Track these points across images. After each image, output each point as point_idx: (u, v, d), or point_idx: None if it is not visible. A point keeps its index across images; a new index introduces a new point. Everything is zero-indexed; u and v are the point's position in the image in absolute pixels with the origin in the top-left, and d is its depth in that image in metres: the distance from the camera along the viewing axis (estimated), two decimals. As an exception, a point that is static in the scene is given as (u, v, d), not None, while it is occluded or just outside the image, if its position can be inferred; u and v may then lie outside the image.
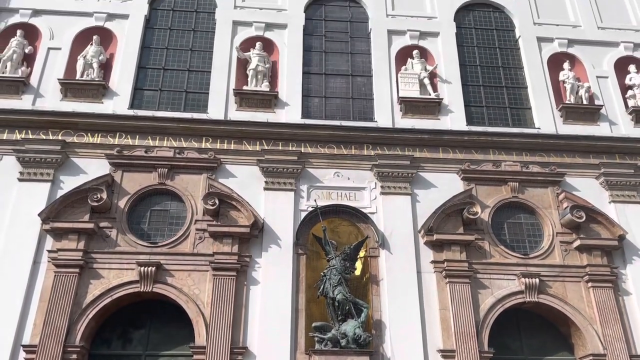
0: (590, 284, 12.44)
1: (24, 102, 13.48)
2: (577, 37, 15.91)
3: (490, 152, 13.85)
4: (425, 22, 15.79)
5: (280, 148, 13.40)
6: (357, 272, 12.49)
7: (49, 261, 11.76)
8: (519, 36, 15.94)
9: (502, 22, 16.35)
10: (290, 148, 13.42)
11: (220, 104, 13.98)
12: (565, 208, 13.02)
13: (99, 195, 12.15)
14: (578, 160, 13.91)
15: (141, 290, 11.69)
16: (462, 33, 15.94)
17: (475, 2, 16.45)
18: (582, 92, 14.81)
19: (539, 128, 14.41)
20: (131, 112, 13.60)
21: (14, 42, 14.09)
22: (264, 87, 14.21)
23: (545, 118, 14.55)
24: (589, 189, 13.61)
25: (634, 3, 16.77)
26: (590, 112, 14.67)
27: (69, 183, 12.55)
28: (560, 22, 16.23)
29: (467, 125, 14.26)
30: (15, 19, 14.68)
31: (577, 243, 12.77)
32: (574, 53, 15.66)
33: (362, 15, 16.01)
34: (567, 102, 14.71)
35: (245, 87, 14.21)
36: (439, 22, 15.82)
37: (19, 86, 13.60)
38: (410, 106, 14.36)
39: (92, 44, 14.30)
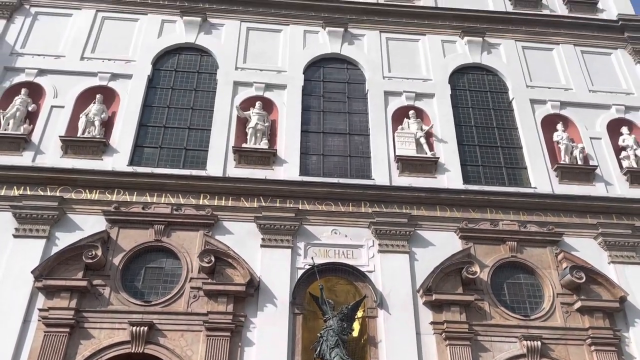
0: (593, 347, 12.15)
1: (24, 159, 13.59)
2: (569, 99, 16.32)
3: (488, 211, 13.89)
4: (421, 84, 16.23)
5: (277, 205, 13.41)
6: (355, 334, 12.21)
7: (39, 320, 11.48)
8: (513, 98, 16.35)
9: (496, 84, 16.81)
10: (287, 205, 13.43)
11: (219, 161, 14.11)
12: (565, 268, 12.90)
13: (93, 252, 12.02)
14: (575, 220, 13.93)
15: (132, 351, 11.35)
16: (457, 94, 16.34)
17: (469, 65, 16.97)
18: (576, 152, 15.04)
19: (535, 187, 14.52)
20: (130, 169, 13.70)
21: (18, 100, 14.37)
22: (263, 144, 14.40)
23: (541, 178, 14.69)
24: (588, 249, 13.56)
25: (623, 68, 17.30)
26: (585, 172, 14.83)
27: (64, 239, 12.46)
28: (552, 85, 16.68)
29: (463, 184, 14.37)
30: (20, 77, 15.04)
31: (578, 305, 12.57)
32: (567, 115, 16.03)
33: (359, 76, 16.46)
34: (562, 162, 14.90)
35: (244, 145, 14.39)
36: (434, 84, 16.25)
37: (20, 143, 13.76)
38: (407, 164, 14.51)
39: (95, 103, 14.60)
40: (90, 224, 12.77)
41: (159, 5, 16.93)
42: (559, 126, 15.60)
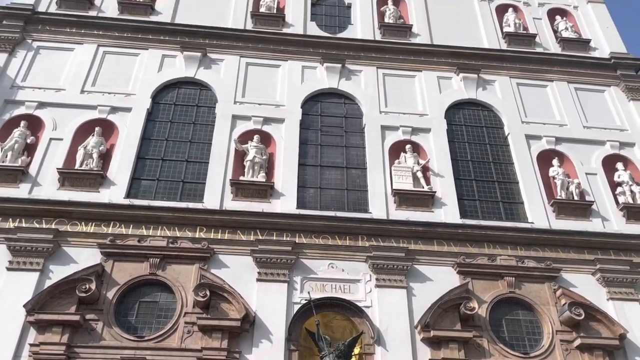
0: (594, 386, 11.94)
1: (21, 191, 13.58)
2: (564, 135, 16.49)
3: (485, 246, 13.84)
4: (417, 119, 16.40)
5: (274, 238, 13.34)
6: (352, 371, 11.97)
7: (30, 356, 11.25)
8: (508, 133, 16.51)
9: (491, 120, 17.01)
10: (284, 238, 13.37)
11: (216, 194, 14.10)
12: (564, 305, 12.78)
13: (87, 286, 11.87)
14: (573, 256, 13.89)
15: (124, 388, 11.09)
16: (453, 129, 16.51)
17: (465, 101, 17.21)
18: (572, 188, 15.11)
19: (532, 222, 14.52)
20: (127, 201, 13.67)
21: (17, 132, 14.46)
22: (261, 177, 14.43)
23: (538, 213, 14.70)
24: (586, 285, 13.47)
25: (617, 104, 17.55)
26: (581, 207, 14.87)
27: (58, 273, 12.32)
28: (547, 121, 16.89)
29: (460, 218, 14.35)
30: (20, 110, 15.17)
31: (578, 342, 12.41)
32: (562, 150, 16.16)
33: (357, 111, 16.64)
34: (558, 197, 14.95)
35: (242, 178, 14.41)
36: (430, 119, 16.43)
37: (17, 175, 13.77)
38: (404, 198, 14.53)
39: (93, 135, 14.69)
40: (85, 256, 12.66)
41: (160, 41, 17.23)
42: (555, 161, 15.73)
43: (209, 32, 17.47)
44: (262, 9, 18.65)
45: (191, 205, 13.76)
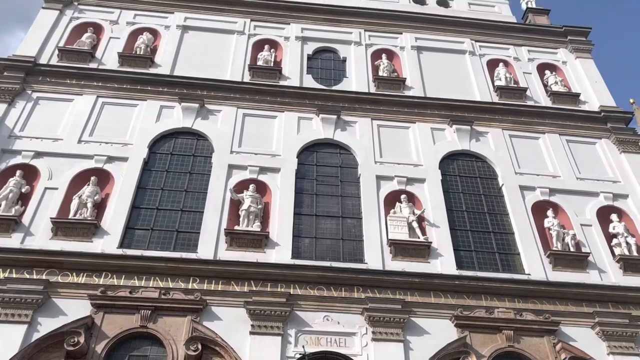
0: None
1: (13, 241, 13.42)
2: (558, 186, 16.64)
3: (483, 298, 13.68)
4: (412, 169, 16.54)
5: (268, 289, 13.15)
6: None
7: (9, 415, 10.81)
8: (502, 184, 16.64)
9: (485, 170, 17.18)
10: (279, 289, 13.18)
11: (210, 244, 13.99)
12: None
13: (76, 339, 11.56)
14: (571, 309, 13.73)
15: None
16: (448, 180, 16.63)
17: (458, 152, 17.43)
18: (568, 239, 15.12)
19: (529, 274, 14.42)
20: (119, 251, 13.51)
21: (12, 181, 14.44)
22: (255, 227, 14.36)
23: (535, 264, 14.62)
24: (586, 339, 13.26)
25: (609, 156, 17.82)
26: (578, 259, 14.82)
27: (46, 325, 12.02)
28: (541, 172, 17.07)
29: (457, 269, 14.25)
30: (16, 160, 15.18)
31: (580, 398, 12.08)
32: (557, 201, 16.26)
33: (352, 161, 16.79)
34: (554, 248, 14.91)
35: (236, 227, 14.34)
36: (425, 170, 16.57)
37: (10, 224, 13.65)
38: (400, 249, 14.44)
39: (89, 184, 14.67)
40: (75, 308, 12.38)
41: (159, 92, 17.53)
42: (549, 212, 15.79)
43: (207, 84, 17.83)
44: (260, 62, 19.12)
45: (185, 255, 13.62)
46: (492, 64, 20.60)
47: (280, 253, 14.03)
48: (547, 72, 20.65)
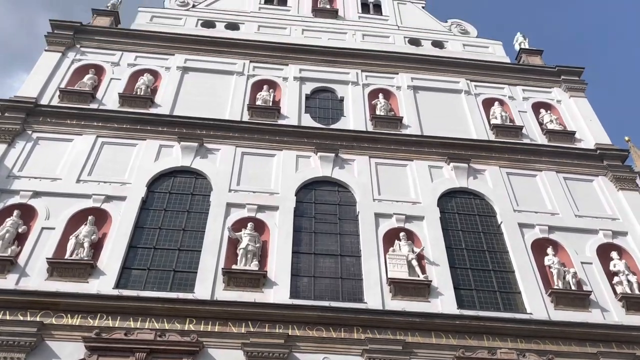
0: None
1: (8, 282, 13.23)
2: (557, 224, 16.58)
3: (485, 338, 13.41)
4: (410, 207, 16.53)
5: (266, 330, 12.91)
6: None
7: None
8: (501, 222, 16.59)
9: (484, 208, 17.17)
10: (277, 331, 12.94)
11: (207, 284, 13.81)
12: (571, 403, 12.19)
13: (68, 384, 11.26)
14: (575, 349, 13.45)
15: None
16: (446, 217, 16.59)
17: (456, 189, 17.46)
18: (569, 277, 14.97)
19: (531, 314, 14.20)
20: (115, 292, 13.32)
21: (9, 222, 14.36)
22: (253, 266, 14.22)
23: (536, 303, 14.42)
24: (592, 380, 12.94)
25: (606, 194, 17.83)
26: (580, 297, 14.64)
27: (38, 369, 11.72)
28: (539, 209, 17.05)
29: (458, 308, 14.04)
30: (14, 199, 15.16)
31: None
32: (556, 239, 16.18)
33: (350, 199, 16.79)
34: (555, 287, 14.75)
35: (234, 266, 14.20)
36: (423, 207, 16.56)
37: (5, 265, 13.50)
38: (399, 288, 14.28)
39: (86, 224, 14.60)
40: (69, 351, 12.11)
41: (158, 132, 17.68)
42: (549, 250, 15.68)
43: (207, 123, 18.00)
44: (259, 102, 19.38)
45: (181, 295, 13.43)
46: (488, 103, 20.89)
47: (279, 293, 13.85)
48: (542, 110, 20.94)
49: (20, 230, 14.36)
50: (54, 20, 20.99)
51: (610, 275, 15.39)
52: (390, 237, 15.61)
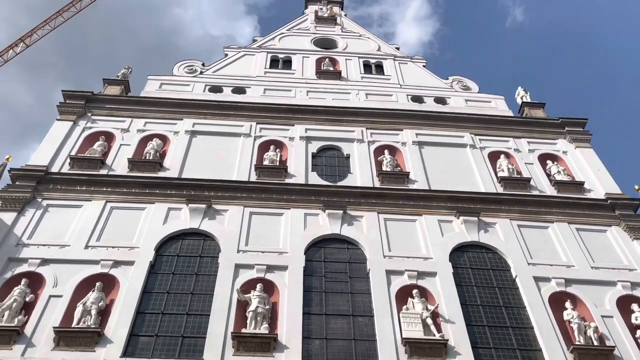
0: None
1: (14, 353, 12.97)
2: (573, 277, 16.19)
3: (507, 400, 12.79)
4: (422, 263, 16.25)
5: (278, 400, 12.40)
6: None
7: None
8: (516, 276, 16.21)
9: (497, 262, 16.85)
10: (288, 398, 12.43)
11: (216, 349, 13.44)
12: None
13: None
14: (605, 410, 12.77)
15: None
16: (459, 272, 16.26)
17: (468, 244, 17.21)
18: (590, 332, 14.45)
19: (554, 373, 13.62)
20: (123, 361, 12.97)
21: (16, 290, 14.26)
22: (263, 329, 13.87)
23: (559, 361, 13.85)
24: None
25: (621, 244, 17.48)
26: (603, 353, 14.06)
27: None
28: (554, 262, 16.70)
29: (477, 369, 13.49)
30: (22, 268, 15.14)
31: None
32: (574, 292, 15.74)
33: (360, 256, 16.56)
34: (577, 343, 14.20)
35: (244, 330, 13.86)
36: (435, 263, 16.28)
37: (12, 336, 13.27)
38: (415, 348, 13.80)
39: (94, 291, 14.45)
40: None
41: (167, 195, 17.81)
42: (568, 304, 15.24)
43: (214, 185, 18.14)
44: (266, 162, 19.60)
45: (190, 363, 13.04)
46: (494, 156, 20.97)
47: (290, 357, 13.42)
48: (549, 161, 20.95)
49: (27, 299, 14.22)
50: (66, 90, 21.69)
51: (633, 328, 14.83)
52: (403, 295, 15.27)
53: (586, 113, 59.95)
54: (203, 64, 25.66)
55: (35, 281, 14.73)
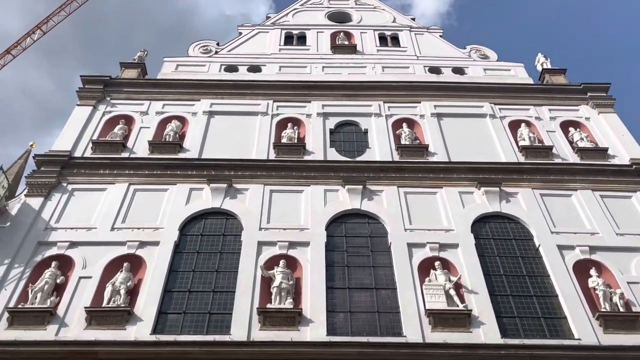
0: None
1: (48, 333, 13.41)
2: (598, 244, 16.00)
3: (532, 367, 12.84)
4: (444, 235, 16.23)
5: (305, 370, 12.65)
6: None
7: None
8: (539, 245, 16.10)
9: (519, 232, 16.71)
10: (317, 371, 12.66)
11: (243, 324, 13.71)
12: None
13: None
14: (630, 375, 12.75)
15: None
16: (482, 243, 16.20)
17: (490, 214, 17.09)
18: (616, 299, 14.35)
19: (579, 339, 13.57)
20: (153, 338, 13.33)
21: (47, 273, 14.69)
22: (288, 304, 14.10)
23: (584, 328, 13.80)
24: (651, 407, 12.18)
25: (646, 210, 17.25)
26: (630, 319, 13.95)
27: (79, 421, 11.70)
28: (578, 230, 16.50)
29: (502, 337, 13.52)
30: (52, 251, 15.55)
31: None
32: (599, 259, 15.59)
33: (381, 230, 16.60)
34: (602, 310, 14.12)
35: (269, 305, 14.10)
36: (457, 234, 16.24)
37: (45, 317, 13.71)
38: (439, 319, 13.88)
39: (122, 271, 14.80)
40: (108, 403, 12.09)
41: (188, 176, 18.02)
42: (593, 272, 15.11)
43: (234, 164, 18.28)
44: (284, 140, 19.63)
45: (218, 338, 13.34)
46: (514, 125, 20.65)
47: (315, 330, 13.62)
48: (571, 129, 20.54)
49: (58, 281, 14.63)
50: (84, 75, 21.92)
51: (660, 294, 14.70)
52: (425, 267, 15.30)
53: (609, 78, 58.48)
54: (218, 44, 25.63)
55: (64, 264, 15.13)
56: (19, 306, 13.98)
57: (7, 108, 67.22)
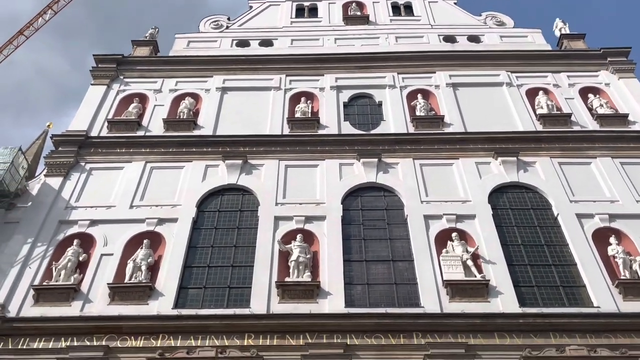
0: None
1: (73, 309, 13.77)
2: (617, 211, 15.81)
3: (551, 336, 12.86)
4: (460, 206, 16.16)
5: (325, 341, 12.85)
6: None
7: None
8: (557, 214, 15.95)
9: (537, 201, 16.57)
10: (335, 340, 12.86)
11: (262, 298, 13.92)
12: (651, 398, 11.50)
13: (136, 405, 11.52)
14: (650, 341, 12.71)
15: None
16: (499, 214, 16.10)
17: (507, 184, 16.94)
18: (635, 266, 14.25)
19: (598, 307, 13.54)
20: (175, 312, 13.62)
21: (70, 251, 14.99)
22: (306, 277, 14.24)
23: (603, 296, 13.75)
24: (672, 373, 12.16)
25: (668, 176, 16.92)
26: (650, 286, 13.87)
27: (106, 393, 12.09)
28: (597, 198, 16.30)
29: (520, 307, 13.55)
30: (73, 229, 15.84)
31: None
32: (618, 227, 15.42)
33: (398, 203, 16.57)
34: (622, 277, 14.04)
35: (287, 279, 14.26)
36: (474, 205, 16.15)
37: (69, 293, 14.06)
38: (457, 289, 13.93)
39: (142, 248, 15.04)
40: (135, 373, 12.44)
41: (203, 152, 18.10)
42: (612, 239, 14.97)
43: (249, 140, 18.31)
44: (298, 114, 19.55)
45: (238, 311, 13.59)
46: (532, 93, 20.27)
47: (333, 302, 13.78)
48: (590, 95, 20.11)
49: (81, 258, 14.95)
50: (97, 54, 21.97)
51: (681, 260, 14.51)
52: (442, 239, 15.30)
53: (629, 41, 56.79)
54: (229, 19, 25.40)
55: (86, 241, 15.42)
56: (44, 283, 14.35)
57: (23, 89, 67.87)
